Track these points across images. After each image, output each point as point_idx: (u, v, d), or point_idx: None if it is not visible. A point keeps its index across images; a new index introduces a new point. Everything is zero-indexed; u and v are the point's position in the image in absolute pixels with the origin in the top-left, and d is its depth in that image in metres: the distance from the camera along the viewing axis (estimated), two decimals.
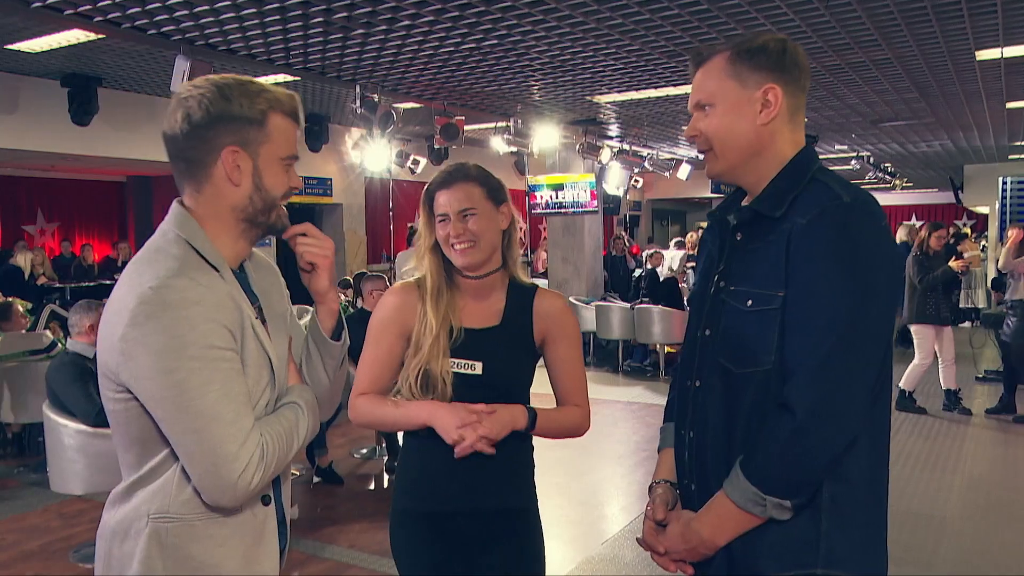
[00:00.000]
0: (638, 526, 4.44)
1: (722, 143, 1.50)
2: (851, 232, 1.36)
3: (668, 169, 11.28)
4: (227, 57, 5.75)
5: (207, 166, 1.37)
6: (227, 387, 1.28)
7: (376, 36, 5.36)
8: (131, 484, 1.37)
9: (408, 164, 10.52)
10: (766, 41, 1.48)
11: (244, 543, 1.38)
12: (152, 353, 1.25)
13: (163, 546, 1.33)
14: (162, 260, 1.32)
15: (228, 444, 1.27)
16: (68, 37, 5.65)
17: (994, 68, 6.61)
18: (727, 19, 5.04)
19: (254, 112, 1.36)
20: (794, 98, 1.48)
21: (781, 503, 1.37)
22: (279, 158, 1.40)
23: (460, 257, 1.81)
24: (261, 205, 1.40)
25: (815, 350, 1.34)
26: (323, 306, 1.53)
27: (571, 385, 1.91)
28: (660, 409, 6.70)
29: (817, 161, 1.50)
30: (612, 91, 7.49)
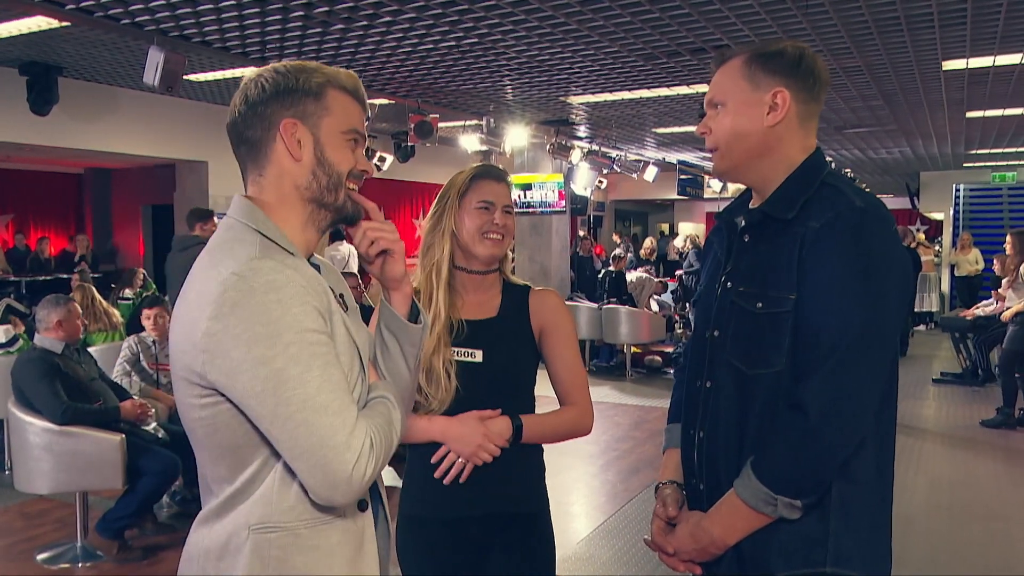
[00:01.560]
0: (612, 525, 4.50)
1: (728, 141, 1.53)
2: (864, 237, 1.39)
3: (636, 171, 11.36)
4: (201, 49, 5.65)
5: (267, 143, 1.31)
6: (328, 372, 1.18)
7: (355, 31, 5.31)
8: (226, 500, 1.25)
9: (375, 161, 10.43)
10: (784, 47, 1.51)
11: (348, 552, 1.29)
12: (243, 343, 1.15)
13: (266, 559, 1.22)
14: (239, 247, 1.22)
15: (337, 434, 1.16)
16: (29, 24, 5.47)
17: (958, 78, 6.79)
18: (705, 22, 5.09)
19: (311, 84, 1.31)
20: (805, 105, 1.50)
21: (792, 503, 1.39)
22: (340, 131, 1.33)
23: (491, 247, 1.85)
24: (326, 181, 1.32)
25: (829, 353, 1.36)
26: (397, 292, 1.42)
27: (569, 381, 1.91)
28: (628, 408, 6.81)
29: (826, 166, 1.52)
30: (586, 92, 7.52)
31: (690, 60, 6.12)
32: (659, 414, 7.24)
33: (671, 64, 6.26)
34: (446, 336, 1.82)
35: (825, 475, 1.39)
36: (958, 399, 7.80)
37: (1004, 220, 14.44)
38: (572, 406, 1.90)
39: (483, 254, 1.86)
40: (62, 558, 3.95)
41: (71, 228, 12.39)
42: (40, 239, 11.09)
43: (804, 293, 1.40)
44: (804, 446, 1.37)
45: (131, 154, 8.55)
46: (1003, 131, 10.04)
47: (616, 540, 4.28)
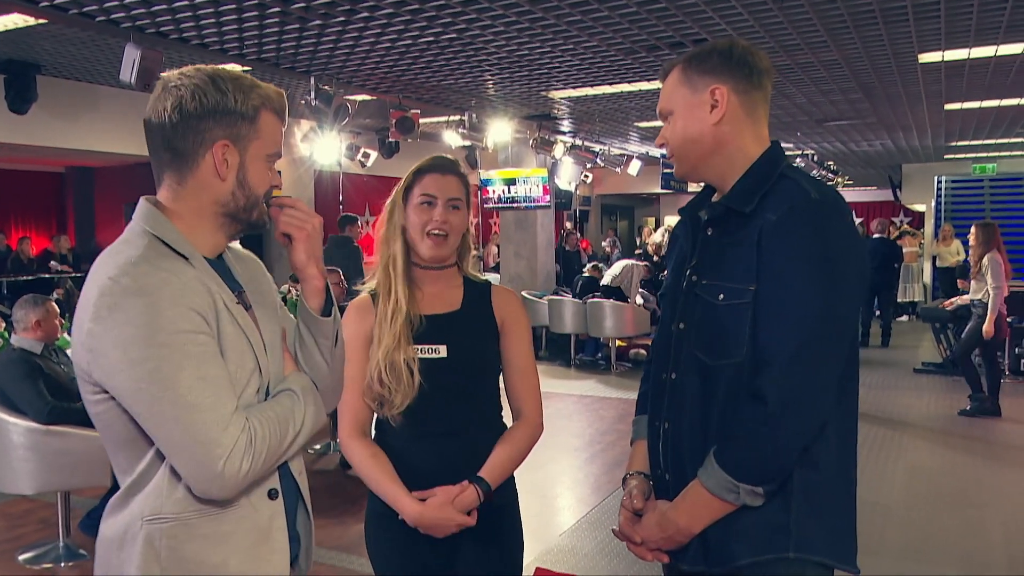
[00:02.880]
0: (595, 517, 4.53)
1: (681, 146, 1.58)
2: (820, 228, 1.41)
3: (619, 165, 11.38)
4: (178, 46, 5.61)
5: (195, 158, 1.34)
6: (202, 371, 1.23)
7: (333, 27, 5.29)
8: (126, 490, 1.32)
9: (358, 157, 10.41)
10: (713, 46, 1.56)
11: (246, 541, 1.33)
12: (119, 345, 1.21)
13: (159, 549, 1.27)
14: (124, 252, 1.28)
15: (209, 430, 1.22)
16: (6, 22, 5.43)
17: (935, 71, 6.84)
18: (684, 17, 5.11)
19: (248, 107, 1.35)
20: (746, 95, 1.54)
21: (754, 490, 1.42)
22: (265, 155, 1.40)
23: (432, 247, 1.82)
24: (243, 202, 1.38)
25: (787, 342, 1.40)
26: (306, 284, 1.46)
27: (525, 383, 1.90)
28: (612, 402, 6.84)
29: (784, 159, 1.56)
30: (567, 87, 7.52)
31: (669, 55, 6.14)
32: None
33: (651, 59, 6.28)
34: (407, 332, 1.79)
35: (786, 462, 1.42)
36: (938, 389, 7.88)
37: (985, 211, 14.54)
38: (523, 424, 1.88)
39: (424, 254, 1.83)
40: (45, 558, 3.94)
41: (52, 228, 12.30)
42: (21, 239, 11.00)
43: (763, 284, 1.43)
44: (764, 434, 1.40)
45: (112, 152, 8.50)
46: (982, 123, 10.12)
47: (599, 532, 4.31)
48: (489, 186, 10.93)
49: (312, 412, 1.39)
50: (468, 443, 1.82)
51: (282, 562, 1.37)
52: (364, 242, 9.97)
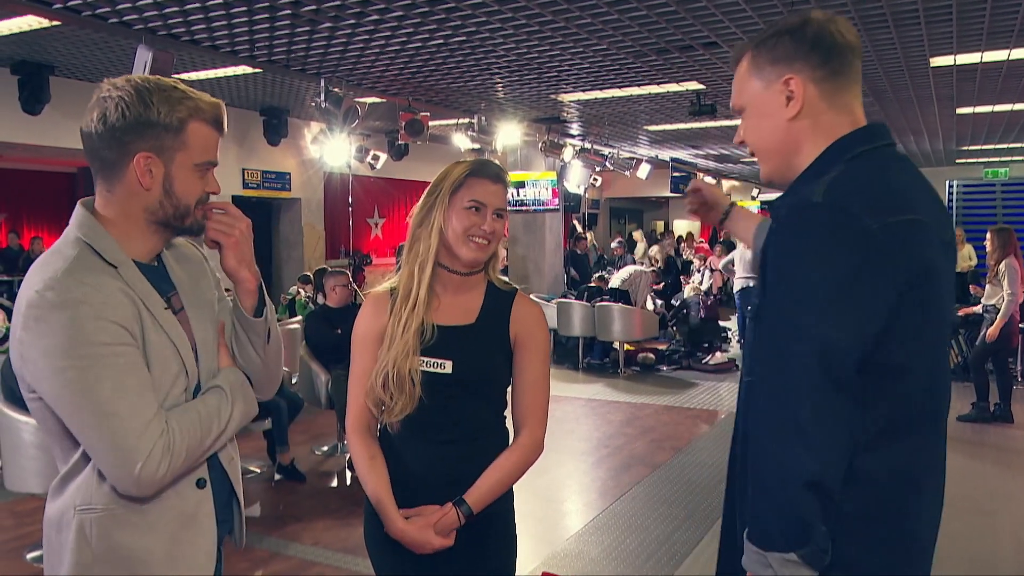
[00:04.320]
0: (602, 522, 4.52)
1: (758, 147, 1.41)
2: (802, 237, 1.22)
3: (628, 168, 11.38)
4: (190, 48, 5.65)
5: (120, 168, 1.40)
6: (121, 381, 1.31)
7: (343, 30, 5.31)
8: (63, 477, 1.42)
9: (368, 159, 10.45)
10: (785, 24, 1.35)
11: (171, 528, 1.42)
12: (44, 354, 1.29)
13: (89, 536, 1.38)
14: (52, 263, 1.35)
15: (127, 438, 1.30)
16: (20, 23, 5.48)
17: (947, 75, 6.81)
18: (693, 20, 5.10)
19: (172, 119, 1.39)
20: (827, 81, 1.32)
21: (786, 558, 1.17)
22: (193, 164, 1.44)
23: (474, 251, 1.78)
24: (172, 211, 1.44)
25: (762, 366, 1.25)
26: (239, 286, 1.53)
27: (530, 401, 1.85)
28: (620, 405, 6.79)
29: (855, 148, 1.31)
30: (576, 90, 7.53)
31: (679, 57, 6.14)
32: (651, 411, 7.27)
33: (660, 61, 6.27)
34: (416, 342, 1.76)
35: (793, 516, 1.17)
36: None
37: (997, 216, 14.48)
38: (518, 448, 1.83)
39: (466, 257, 1.78)
40: None
41: (65, 227, 12.35)
42: (33, 238, 11.08)
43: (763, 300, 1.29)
44: (759, 486, 1.21)
45: None
46: (994, 127, 10.07)
47: (606, 536, 4.30)
48: None
49: (240, 407, 1.49)
50: (466, 451, 1.80)
51: (207, 544, 1.48)
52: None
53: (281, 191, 10.81)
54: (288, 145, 10.18)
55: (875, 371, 1.20)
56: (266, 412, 5.11)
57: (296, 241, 11.31)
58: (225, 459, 1.54)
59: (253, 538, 4.21)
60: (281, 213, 11.34)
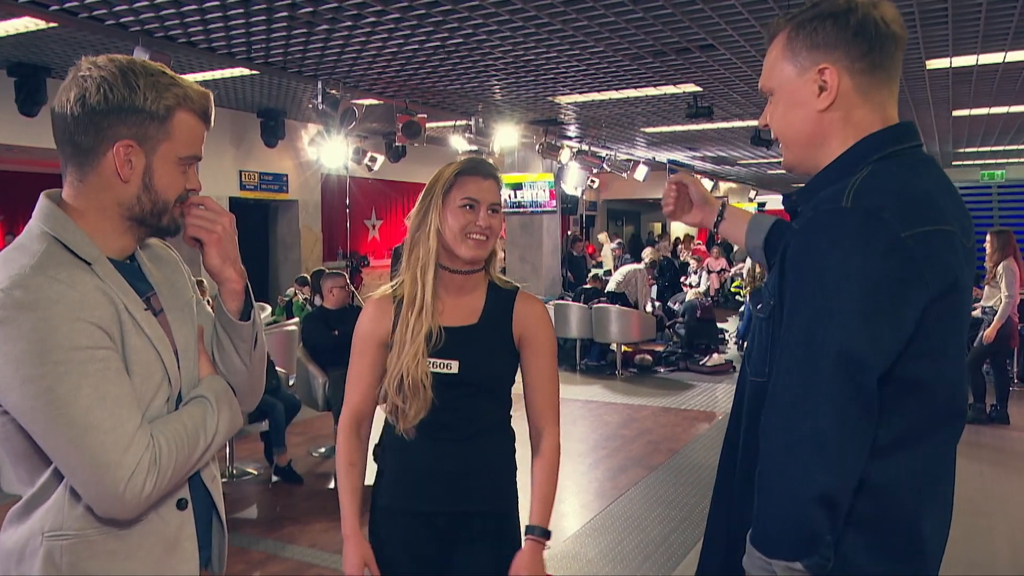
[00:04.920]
0: (599, 523, 4.52)
1: (784, 135, 1.35)
2: (832, 242, 1.16)
3: (625, 170, 11.39)
4: (187, 49, 5.65)
5: (96, 156, 1.26)
6: (101, 390, 1.17)
7: (340, 32, 5.32)
8: (26, 502, 1.25)
9: (365, 161, 10.45)
10: (827, 7, 1.26)
11: (154, 553, 1.28)
12: (11, 361, 1.13)
13: (59, 565, 1.21)
14: (17, 259, 1.19)
15: (109, 452, 1.16)
16: (16, 25, 5.47)
17: (943, 77, 6.83)
18: (690, 23, 5.11)
19: (159, 107, 1.26)
20: (863, 75, 1.25)
21: (790, 567, 1.15)
22: (178, 158, 1.30)
23: (473, 248, 1.78)
24: (149, 207, 1.30)
25: (780, 374, 1.20)
26: (223, 287, 1.38)
27: (544, 401, 1.87)
28: (617, 407, 6.79)
29: (884, 149, 1.25)
30: (573, 92, 7.54)
31: (676, 60, 6.15)
32: (648, 412, 7.27)
33: (657, 64, 6.28)
34: (424, 346, 1.77)
35: (803, 528, 1.14)
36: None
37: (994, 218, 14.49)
38: (547, 451, 1.86)
39: (466, 255, 1.79)
40: None
41: None
42: None
43: (781, 304, 1.24)
44: (769, 494, 1.18)
45: None
46: (990, 129, 10.11)
47: (603, 537, 4.30)
48: None
49: (227, 419, 1.35)
50: (475, 449, 1.83)
51: (190, 569, 1.34)
52: None
53: (278, 193, 10.80)
54: (285, 147, 10.17)
55: (894, 383, 1.17)
56: (263, 414, 5.11)
57: (293, 243, 11.30)
58: (207, 477, 1.39)
59: (250, 540, 4.20)
60: (278, 215, 11.34)
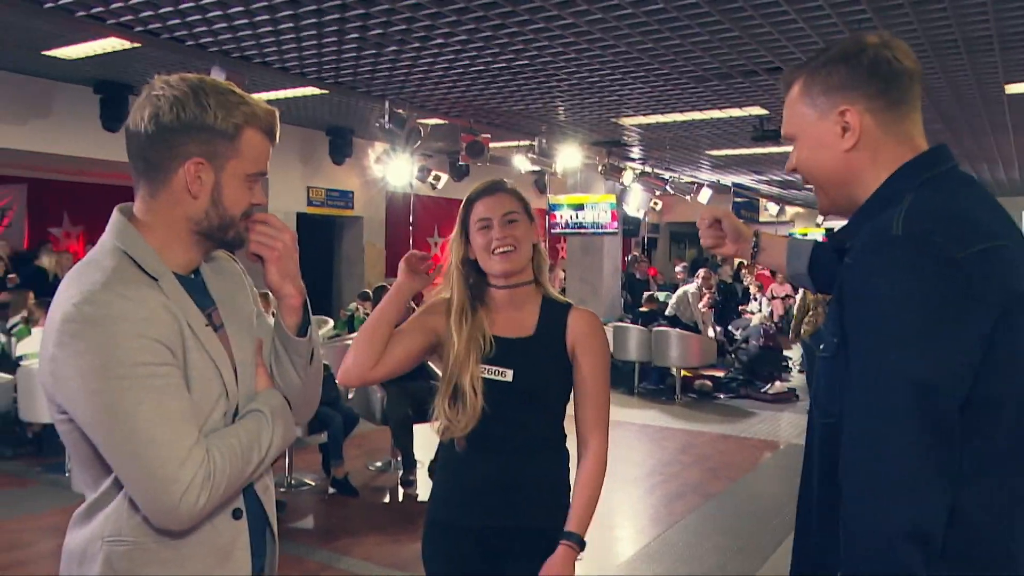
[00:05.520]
0: (654, 549, 4.46)
1: (815, 178, 1.36)
2: (886, 272, 1.16)
3: (689, 192, 11.28)
4: (261, 69, 5.84)
5: (168, 172, 1.30)
6: (161, 405, 1.21)
7: (408, 53, 5.43)
8: (90, 505, 1.30)
9: (429, 179, 10.58)
10: (841, 50, 1.30)
11: (206, 563, 1.31)
12: (79, 374, 1.19)
13: (116, 570, 1.26)
14: (89, 273, 1.25)
15: (166, 466, 1.20)
16: (103, 45, 5.75)
17: (1023, 102, 6.60)
18: (756, 45, 5.07)
19: (228, 125, 1.30)
20: (886, 112, 1.27)
21: None
22: (245, 175, 1.35)
23: (500, 262, 1.82)
24: (217, 222, 1.34)
25: (852, 412, 1.18)
26: (282, 302, 1.43)
27: (592, 413, 1.87)
28: (676, 432, 6.68)
29: (923, 174, 1.26)
30: (637, 114, 7.53)
31: (741, 82, 6.09)
32: (707, 439, 7.15)
33: (722, 86, 6.23)
34: (475, 353, 1.81)
35: (896, 566, 1.11)
36: None
37: None
38: (592, 463, 1.86)
39: (496, 270, 1.84)
40: None
41: None
42: None
43: (845, 340, 1.22)
44: (856, 539, 1.16)
45: None
46: None
47: (657, 564, 4.24)
48: (557, 211, 10.95)
49: (281, 433, 1.38)
50: (526, 462, 1.84)
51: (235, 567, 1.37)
52: None
53: (344, 209, 11.03)
54: (352, 164, 10.39)
55: (971, 405, 1.14)
56: (322, 426, 5.19)
57: (357, 258, 11.50)
58: (260, 488, 1.42)
59: (305, 550, 4.26)
60: (343, 231, 11.56)
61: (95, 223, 12.40)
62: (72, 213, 12.10)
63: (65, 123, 7.49)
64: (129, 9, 4.55)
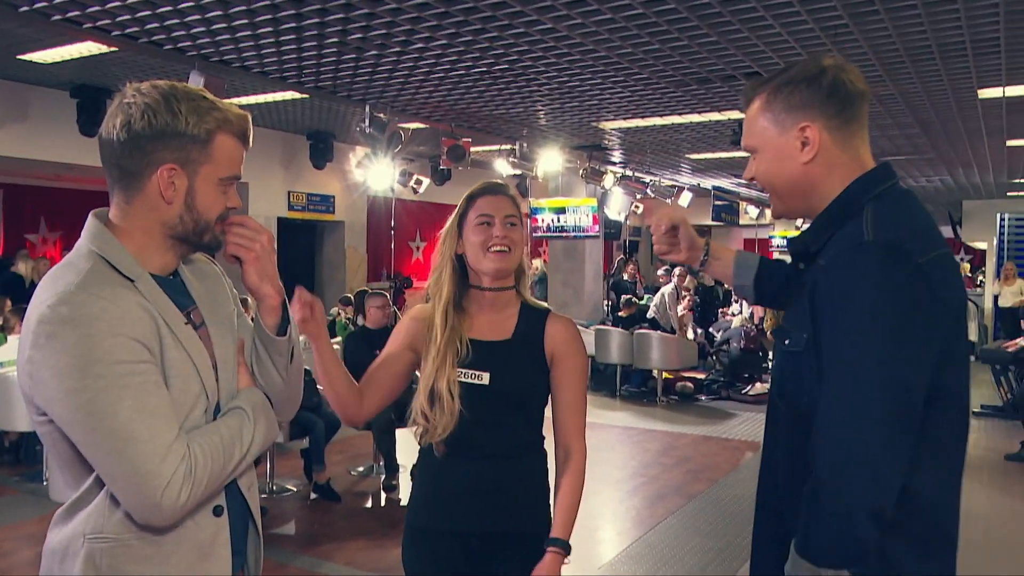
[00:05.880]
0: (636, 550, 4.48)
1: (774, 187, 1.47)
2: (866, 275, 1.26)
3: (670, 196, 11.35)
4: (240, 73, 5.81)
5: (141, 179, 1.32)
6: (140, 402, 1.22)
7: (388, 57, 5.43)
8: (70, 505, 1.31)
9: (411, 184, 10.58)
10: (801, 72, 1.40)
11: (187, 560, 1.33)
12: (57, 375, 1.20)
13: (99, 567, 1.27)
14: (65, 276, 1.26)
15: (147, 462, 1.21)
16: (80, 49, 5.70)
17: (996, 107, 6.70)
18: (735, 50, 5.11)
19: (200, 130, 1.31)
20: (840, 130, 1.40)
21: (838, 574, 1.25)
22: (218, 179, 1.36)
23: (495, 261, 1.83)
24: (192, 226, 1.36)
25: (829, 402, 1.28)
26: (261, 303, 1.44)
27: (574, 419, 1.89)
28: (657, 434, 6.70)
29: (875, 189, 1.39)
30: (617, 118, 7.56)
31: (720, 87, 6.14)
32: (688, 440, 7.18)
33: (702, 91, 6.28)
34: (452, 357, 1.81)
35: (847, 536, 1.24)
36: (997, 433, 7.61)
37: None
38: (574, 468, 1.87)
39: (489, 268, 1.83)
40: None
41: None
42: None
43: (817, 336, 1.32)
44: (821, 508, 1.26)
45: None
46: None
47: (639, 566, 4.25)
48: (538, 215, 10.97)
49: (263, 430, 1.39)
50: (506, 468, 1.84)
51: (224, 573, 1.38)
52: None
53: (325, 214, 11.00)
54: (333, 169, 10.36)
55: (929, 399, 1.27)
56: (303, 431, 5.18)
57: (339, 263, 11.47)
58: (244, 485, 1.44)
59: (287, 556, 4.25)
60: (325, 235, 11.53)
61: (72, 229, 12.27)
62: (49, 219, 11.97)
63: (41, 128, 7.42)
64: (106, 13, 4.52)
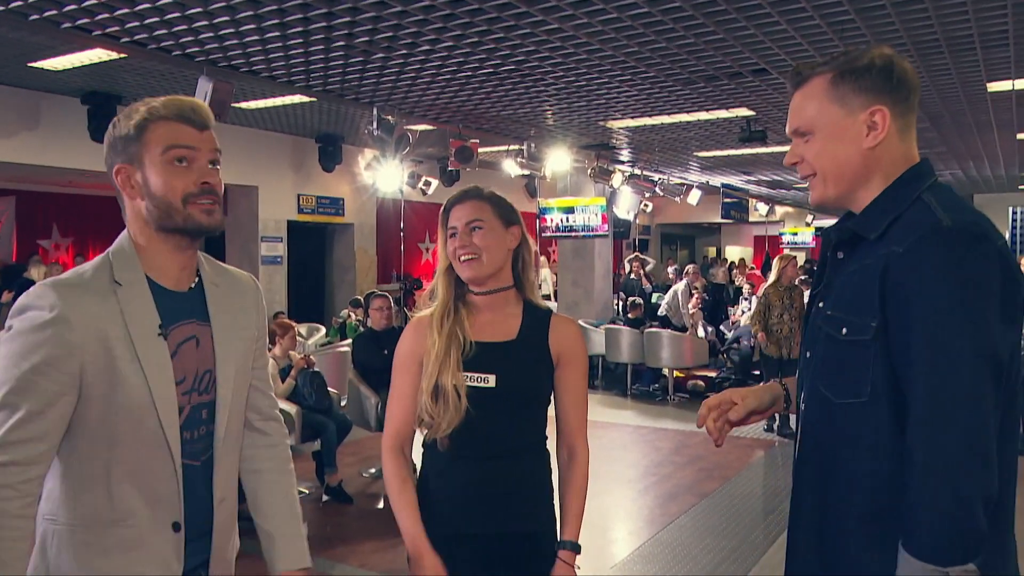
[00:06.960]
0: (647, 550, 4.47)
1: (827, 171, 1.43)
2: (955, 258, 1.26)
3: (679, 194, 11.33)
4: (248, 78, 5.84)
5: (117, 190, 1.49)
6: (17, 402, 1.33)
7: (395, 59, 5.44)
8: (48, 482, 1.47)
9: (420, 185, 10.60)
10: (872, 59, 1.39)
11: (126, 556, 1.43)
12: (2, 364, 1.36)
13: (47, 547, 1.43)
14: (63, 273, 1.45)
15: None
16: (91, 56, 5.75)
17: (1006, 100, 6.66)
18: (742, 48, 5.10)
19: (130, 128, 1.44)
20: (903, 118, 1.40)
21: (966, 570, 1.22)
22: (159, 155, 1.44)
23: (465, 269, 1.85)
24: (157, 212, 1.45)
25: (926, 389, 1.25)
26: None
27: (578, 420, 1.92)
28: (669, 433, 6.66)
29: (927, 180, 1.40)
30: (625, 117, 7.56)
31: (727, 84, 6.13)
32: (700, 439, 7.16)
33: (709, 88, 6.27)
34: (457, 357, 1.81)
35: (968, 527, 1.21)
36: None
37: None
38: (578, 466, 1.90)
39: (464, 275, 1.87)
40: None
41: None
42: None
43: (893, 325, 1.30)
44: (932, 503, 1.23)
45: None
46: None
47: (652, 566, 4.25)
48: (547, 215, 10.97)
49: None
50: (511, 469, 1.85)
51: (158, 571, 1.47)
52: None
53: (335, 216, 11.03)
54: (342, 171, 10.39)
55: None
56: (315, 433, 5.19)
57: (349, 265, 11.51)
58: (217, 498, 1.55)
59: None
60: (335, 238, 11.56)
61: (85, 235, 12.36)
62: (61, 225, 12.06)
63: (53, 134, 7.47)
64: (115, 20, 4.55)
